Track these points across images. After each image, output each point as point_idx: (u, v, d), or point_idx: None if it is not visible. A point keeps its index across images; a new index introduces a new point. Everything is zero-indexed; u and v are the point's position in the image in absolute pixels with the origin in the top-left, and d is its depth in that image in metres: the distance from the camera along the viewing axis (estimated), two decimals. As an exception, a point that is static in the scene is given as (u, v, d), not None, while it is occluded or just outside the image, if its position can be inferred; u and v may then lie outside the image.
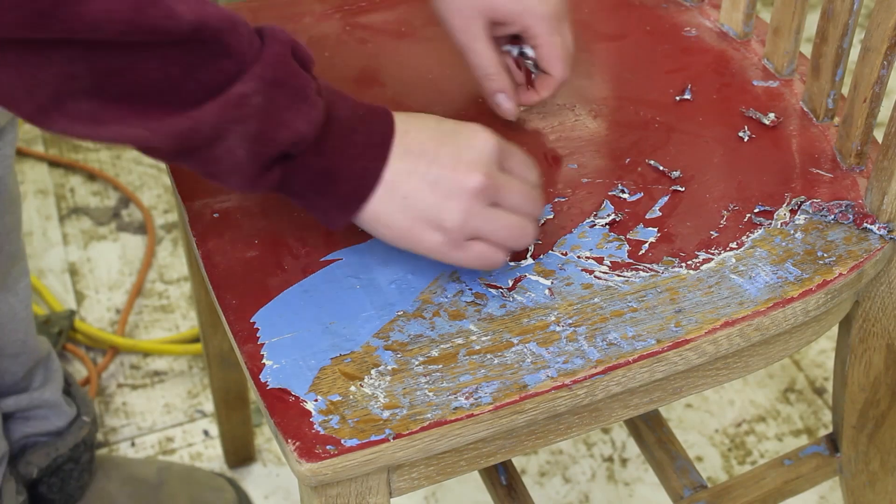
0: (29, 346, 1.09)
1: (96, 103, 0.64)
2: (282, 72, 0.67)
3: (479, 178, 0.71)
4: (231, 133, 0.66)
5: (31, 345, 1.09)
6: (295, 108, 0.68)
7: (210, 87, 0.65)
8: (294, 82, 0.68)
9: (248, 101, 0.66)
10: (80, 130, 0.65)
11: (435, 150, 0.72)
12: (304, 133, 0.68)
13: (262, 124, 0.67)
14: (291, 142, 0.68)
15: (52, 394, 1.11)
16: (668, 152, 0.85)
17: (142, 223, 1.59)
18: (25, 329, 1.08)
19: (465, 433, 0.69)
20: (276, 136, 0.68)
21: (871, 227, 0.79)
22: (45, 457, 1.11)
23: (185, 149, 0.67)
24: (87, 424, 1.14)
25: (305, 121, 0.68)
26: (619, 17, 0.98)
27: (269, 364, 0.71)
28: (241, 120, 0.66)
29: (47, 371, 1.12)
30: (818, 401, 1.36)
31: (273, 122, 0.67)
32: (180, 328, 1.45)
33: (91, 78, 0.63)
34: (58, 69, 0.62)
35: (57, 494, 1.14)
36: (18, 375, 1.09)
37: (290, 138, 0.68)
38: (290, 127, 0.68)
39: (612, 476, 1.29)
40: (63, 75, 0.62)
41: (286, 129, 0.68)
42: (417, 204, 0.71)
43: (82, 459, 1.14)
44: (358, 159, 0.70)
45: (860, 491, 0.96)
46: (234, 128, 0.66)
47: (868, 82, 0.79)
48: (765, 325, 0.75)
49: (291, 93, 0.68)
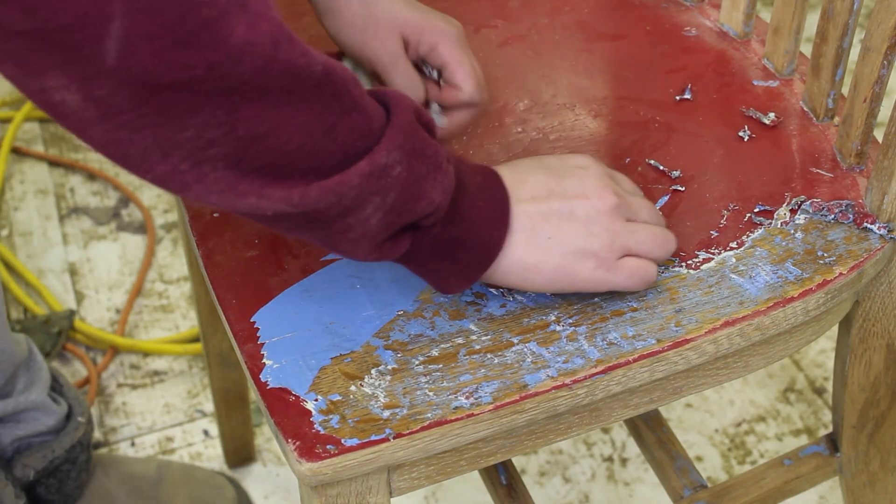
0: (7, 353, 1.08)
1: (235, 173, 0.60)
2: (416, 139, 0.66)
3: (611, 196, 0.73)
4: (370, 203, 0.64)
5: (8, 351, 1.08)
6: (431, 177, 0.66)
7: (348, 150, 0.63)
8: (428, 150, 0.66)
9: (391, 171, 0.64)
10: (215, 200, 0.61)
11: (558, 185, 0.72)
12: (438, 203, 0.67)
13: (400, 195, 0.65)
14: (427, 213, 0.67)
15: (38, 395, 1.11)
16: (668, 152, 0.85)
17: (142, 223, 1.59)
18: (2, 337, 1.07)
19: (466, 433, 0.69)
20: (414, 207, 0.66)
21: (871, 226, 0.79)
22: (41, 459, 1.11)
23: (320, 219, 0.64)
24: (83, 425, 1.14)
25: (441, 191, 0.67)
26: (619, 17, 0.98)
27: (269, 364, 0.71)
28: (383, 191, 0.64)
29: (29, 373, 1.12)
30: (818, 401, 1.36)
31: (412, 194, 0.65)
32: (180, 328, 1.45)
33: (231, 145, 0.59)
34: (195, 132, 0.58)
35: (55, 495, 1.14)
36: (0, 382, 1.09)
37: (426, 209, 0.66)
38: (427, 198, 0.66)
39: (612, 476, 1.29)
40: (201, 140, 0.58)
41: (423, 201, 0.66)
42: (563, 239, 0.71)
43: (79, 460, 1.14)
44: (484, 227, 0.70)
45: (860, 491, 0.96)
46: (373, 198, 0.64)
47: (868, 82, 0.79)
48: (765, 325, 0.75)
49: (427, 161, 0.66)
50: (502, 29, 0.96)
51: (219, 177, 0.60)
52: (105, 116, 0.56)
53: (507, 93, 0.91)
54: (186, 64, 0.55)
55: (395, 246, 0.68)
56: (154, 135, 0.58)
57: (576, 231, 0.71)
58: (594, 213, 0.72)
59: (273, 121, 0.59)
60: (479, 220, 0.69)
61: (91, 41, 0.53)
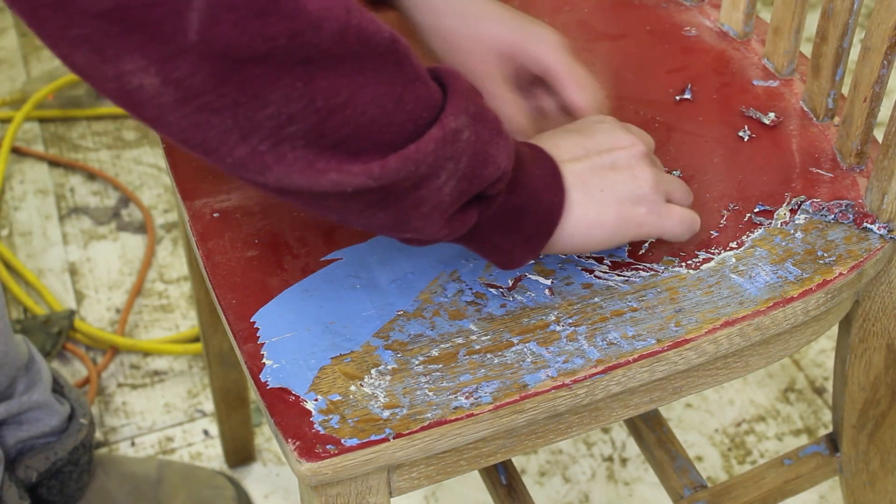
0: (9, 356, 1.08)
1: (314, 150, 0.60)
2: (476, 106, 0.66)
3: (639, 143, 0.75)
4: (444, 170, 0.64)
5: (11, 354, 1.08)
6: (495, 142, 0.66)
7: (417, 119, 0.63)
8: (489, 116, 0.67)
9: (461, 136, 0.64)
10: (297, 180, 0.61)
11: (591, 141, 0.74)
12: (505, 168, 0.67)
13: (471, 159, 0.65)
14: (495, 178, 0.66)
15: (41, 395, 1.11)
16: (667, 152, 0.85)
17: (142, 223, 1.59)
18: (5, 340, 1.07)
19: (465, 433, 0.69)
20: (483, 173, 0.66)
21: (871, 226, 0.79)
22: (44, 461, 1.11)
23: (395, 192, 0.64)
24: (85, 426, 1.14)
25: (506, 154, 0.67)
26: (619, 17, 0.98)
27: (269, 364, 0.71)
28: (455, 156, 0.64)
29: (30, 374, 1.12)
30: (818, 400, 1.36)
31: (481, 158, 0.65)
32: (180, 328, 1.45)
33: (310, 119, 0.59)
34: (276, 109, 0.58)
35: (57, 496, 1.14)
36: (2, 385, 1.09)
37: (495, 174, 0.66)
38: (494, 162, 0.66)
39: (612, 476, 1.29)
40: (281, 117, 0.58)
41: (492, 165, 0.66)
42: (615, 189, 0.72)
43: (81, 461, 1.14)
44: (543, 192, 0.70)
45: (860, 491, 0.96)
46: (447, 164, 0.64)
47: (868, 82, 0.79)
48: (765, 325, 0.75)
49: (490, 127, 0.66)
50: (502, 29, 0.96)
51: (298, 156, 0.60)
52: (184, 100, 0.56)
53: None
54: (268, 34, 0.55)
55: (463, 218, 0.67)
56: (234, 115, 0.57)
57: (623, 178, 0.73)
58: (633, 159, 0.73)
59: (348, 91, 0.59)
60: (537, 185, 0.70)
61: (174, 16, 0.53)
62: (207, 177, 0.83)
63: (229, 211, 0.81)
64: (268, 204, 0.81)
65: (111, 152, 1.71)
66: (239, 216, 0.80)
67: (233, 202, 0.81)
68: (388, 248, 0.78)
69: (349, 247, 0.78)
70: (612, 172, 0.73)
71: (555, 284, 0.76)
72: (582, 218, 0.72)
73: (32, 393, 1.10)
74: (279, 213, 0.80)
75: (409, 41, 0.75)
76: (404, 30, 0.80)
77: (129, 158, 1.70)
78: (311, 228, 0.79)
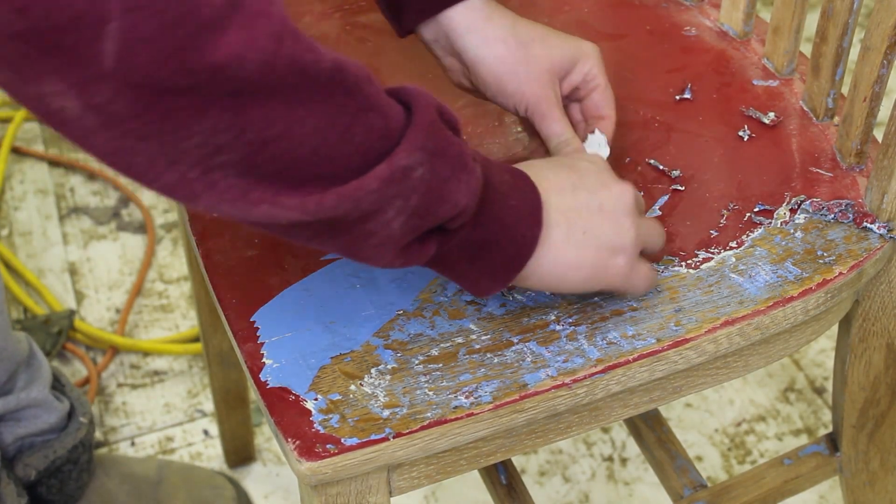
0: (8, 351, 1.08)
1: (247, 180, 0.58)
2: (438, 139, 0.63)
3: (630, 188, 0.72)
4: (391, 207, 0.62)
5: (9, 349, 1.08)
6: (456, 178, 0.63)
7: (366, 152, 0.60)
8: (452, 150, 0.64)
9: (412, 174, 0.61)
10: (227, 209, 0.59)
11: (580, 179, 0.71)
12: (464, 205, 0.64)
13: (423, 198, 0.62)
14: (452, 215, 0.64)
15: (39, 392, 1.11)
16: (667, 151, 0.85)
17: (142, 223, 1.59)
18: (4, 336, 1.07)
19: (465, 432, 0.69)
20: (438, 210, 0.63)
21: (870, 226, 0.79)
22: (42, 459, 1.11)
23: (339, 226, 0.62)
24: (85, 425, 1.14)
25: (466, 191, 0.64)
26: (619, 17, 0.98)
27: (269, 363, 0.71)
28: (404, 194, 0.61)
29: (30, 370, 1.12)
30: (818, 400, 1.36)
31: (435, 196, 0.63)
32: (180, 328, 1.45)
33: (241, 150, 0.56)
34: (203, 139, 0.55)
35: (56, 495, 1.14)
36: (1, 380, 1.09)
37: (451, 212, 0.64)
38: (451, 200, 0.63)
39: (612, 475, 1.29)
40: (209, 146, 0.56)
41: (447, 203, 0.63)
42: (598, 233, 0.70)
43: (81, 460, 1.14)
44: (516, 226, 0.67)
45: (860, 490, 0.96)
46: (394, 202, 0.61)
47: (868, 81, 0.79)
48: (765, 324, 0.75)
49: (451, 162, 0.63)
50: (502, 28, 0.96)
51: (230, 184, 0.57)
52: (107, 124, 0.54)
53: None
54: (189, 69, 0.53)
55: (420, 250, 0.65)
56: (160, 143, 0.55)
57: (608, 225, 0.70)
58: (621, 205, 0.71)
59: (283, 122, 0.57)
60: (511, 219, 0.67)
61: (87, 43, 0.51)
62: (207, 176, 0.83)
63: (229, 210, 0.81)
64: (268, 203, 0.81)
65: (111, 152, 1.70)
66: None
67: (233, 202, 0.81)
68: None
69: (349, 246, 0.78)
70: (598, 216, 0.70)
71: (555, 284, 0.76)
72: (559, 258, 0.69)
73: (31, 390, 1.10)
74: (279, 212, 0.80)
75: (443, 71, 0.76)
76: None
77: (129, 158, 1.69)
78: (311, 228, 0.79)
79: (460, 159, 0.64)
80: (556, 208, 0.69)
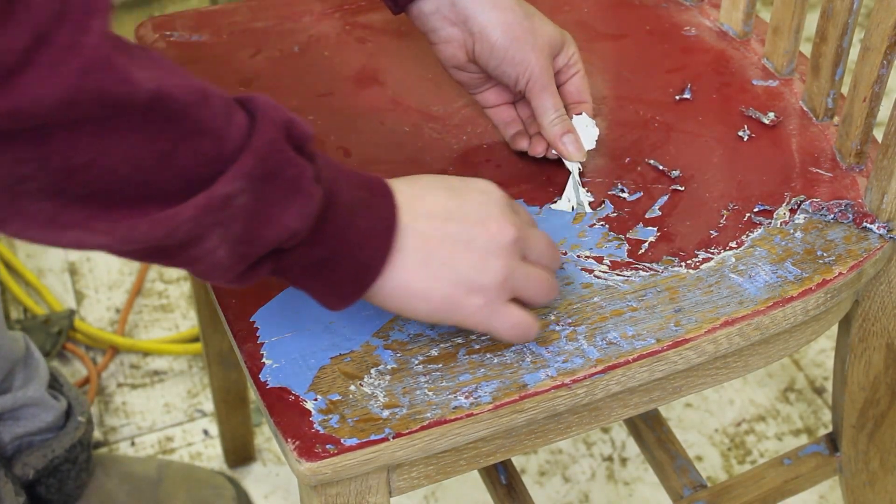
0: (4, 349, 1.08)
1: (57, 203, 0.56)
2: (274, 162, 0.60)
3: (512, 230, 0.68)
4: (211, 236, 0.60)
5: (6, 348, 1.08)
6: (286, 201, 0.61)
7: (190, 177, 0.58)
8: (288, 173, 0.61)
9: (232, 202, 0.59)
10: (35, 235, 0.57)
11: (459, 208, 0.68)
12: (295, 229, 0.62)
13: (246, 224, 0.60)
14: (280, 240, 0.62)
15: (36, 391, 1.11)
16: (667, 152, 0.85)
17: (142, 223, 1.59)
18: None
19: (465, 432, 0.69)
20: (263, 235, 0.61)
21: (870, 226, 0.79)
22: (41, 458, 1.11)
23: (156, 252, 0.60)
24: (83, 424, 1.14)
25: (298, 215, 0.61)
26: (619, 17, 0.98)
27: (269, 363, 0.71)
28: (224, 223, 0.59)
29: (27, 369, 1.12)
30: (818, 400, 1.36)
31: (260, 221, 0.61)
32: (180, 328, 1.45)
33: (46, 178, 0.54)
34: (7, 170, 0.54)
35: (55, 495, 1.14)
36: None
37: (279, 236, 0.62)
38: (279, 224, 0.61)
39: (612, 475, 1.29)
40: (13, 177, 0.54)
41: (274, 227, 0.61)
42: (458, 267, 0.67)
43: (79, 459, 1.14)
44: (361, 247, 0.65)
45: (860, 490, 0.96)
46: (214, 230, 0.59)
47: (868, 82, 0.79)
48: (764, 325, 0.75)
49: (284, 185, 0.61)
50: (502, 29, 0.96)
51: (40, 208, 0.56)
52: None
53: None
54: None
55: (255, 271, 0.63)
56: None
57: (470, 262, 0.67)
58: (494, 245, 0.67)
59: (90, 151, 0.55)
60: (355, 239, 0.64)
61: None
62: (207, 176, 0.83)
63: (229, 211, 0.81)
64: (267, 204, 0.81)
65: (111, 152, 1.70)
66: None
67: (232, 202, 0.81)
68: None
69: (349, 246, 0.78)
70: (462, 250, 0.67)
71: (554, 284, 0.76)
72: (406, 285, 0.66)
73: (28, 388, 1.10)
74: (279, 212, 0.80)
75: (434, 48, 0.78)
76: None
77: (129, 158, 1.69)
78: (311, 228, 0.79)
79: (296, 182, 0.61)
80: (419, 233, 0.66)
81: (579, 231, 0.79)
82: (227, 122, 0.59)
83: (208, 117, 0.58)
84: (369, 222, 0.65)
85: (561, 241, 0.79)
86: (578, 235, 0.79)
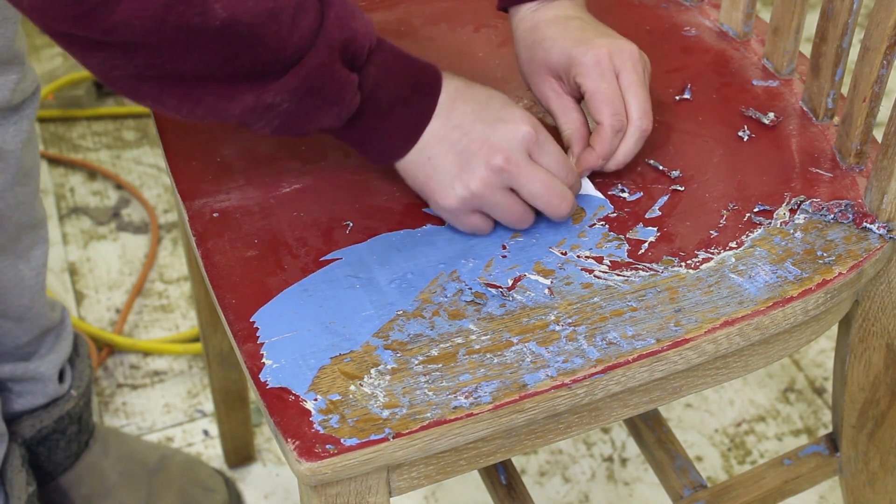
0: (34, 312, 1.10)
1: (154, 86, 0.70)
2: (320, 81, 0.71)
3: (498, 159, 0.76)
4: (256, 123, 0.72)
5: (37, 311, 1.10)
6: (325, 108, 0.73)
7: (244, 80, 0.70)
8: (332, 88, 0.72)
9: (277, 108, 0.72)
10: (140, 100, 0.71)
11: (471, 125, 0.76)
12: (329, 126, 0.74)
13: (286, 121, 0.73)
14: (316, 131, 0.75)
15: (49, 368, 1.13)
16: (667, 152, 0.85)
17: (142, 223, 1.59)
18: (32, 296, 1.09)
19: (465, 432, 0.69)
20: (300, 128, 0.74)
21: (870, 226, 0.79)
22: (29, 428, 1.14)
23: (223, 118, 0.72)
24: (74, 398, 1.16)
25: (334, 118, 0.73)
26: (619, 17, 0.98)
27: (269, 363, 0.71)
28: (267, 118, 0.72)
29: (56, 341, 1.14)
30: (818, 400, 1.36)
31: (299, 120, 0.73)
32: (180, 328, 1.45)
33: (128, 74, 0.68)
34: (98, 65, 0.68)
35: (45, 462, 1.16)
36: (21, 340, 1.10)
37: (314, 130, 0.74)
38: (316, 122, 0.73)
39: (612, 476, 1.29)
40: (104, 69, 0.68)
41: (311, 125, 0.74)
42: (438, 167, 0.76)
43: (69, 431, 1.16)
44: (387, 138, 0.76)
45: (860, 490, 0.96)
46: (258, 121, 0.72)
47: (868, 82, 0.79)
48: (764, 325, 0.75)
49: (325, 97, 0.72)
50: (502, 29, 0.96)
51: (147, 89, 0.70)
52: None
53: (507, 92, 0.90)
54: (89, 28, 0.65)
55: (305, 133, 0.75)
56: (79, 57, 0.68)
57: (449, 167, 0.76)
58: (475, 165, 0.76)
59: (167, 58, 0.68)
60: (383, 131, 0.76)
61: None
62: (207, 177, 0.83)
63: (229, 211, 0.81)
64: (267, 204, 0.81)
65: (111, 152, 1.71)
66: (238, 216, 0.80)
67: (232, 202, 0.81)
68: (387, 248, 0.78)
69: (348, 247, 0.78)
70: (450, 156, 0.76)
71: (554, 284, 0.76)
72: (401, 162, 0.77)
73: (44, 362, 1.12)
74: (279, 213, 0.80)
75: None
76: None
77: (129, 158, 1.70)
78: (311, 228, 0.79)
79: (338, 95, 0.72)
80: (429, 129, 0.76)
81: (579, 231, 0.80)
82: (290, 32, 0.69)
83: (272, 32, 0.69)
84: (402, 119, 0.76)
85: (561, 241, 0.79)
86: (578, 235, 0.79)
